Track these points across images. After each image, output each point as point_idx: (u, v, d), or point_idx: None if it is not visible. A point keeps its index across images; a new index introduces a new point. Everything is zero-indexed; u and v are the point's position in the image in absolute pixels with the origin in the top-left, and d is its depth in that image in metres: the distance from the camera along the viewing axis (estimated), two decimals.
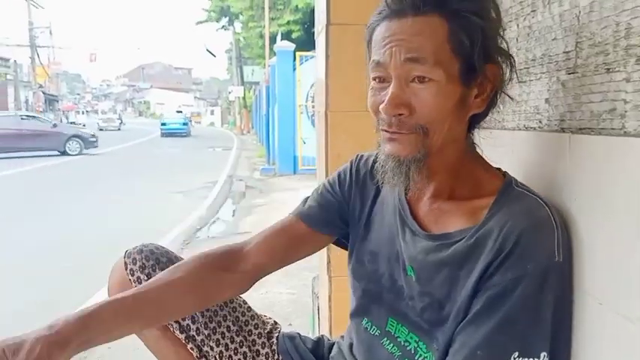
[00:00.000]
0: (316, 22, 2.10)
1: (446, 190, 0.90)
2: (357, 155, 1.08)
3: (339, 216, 1.05)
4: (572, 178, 0.81)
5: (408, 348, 0.92)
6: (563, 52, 0.84)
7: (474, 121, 0.89)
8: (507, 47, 0.88)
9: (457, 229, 0.86)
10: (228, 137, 27.67)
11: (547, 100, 0.91)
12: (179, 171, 11.83)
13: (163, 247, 1.10)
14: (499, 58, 0.85)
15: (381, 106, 0.83)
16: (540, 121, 0.93)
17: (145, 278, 1.03)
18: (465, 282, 0.82)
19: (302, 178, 9.60)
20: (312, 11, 2.14)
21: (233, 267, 1.00)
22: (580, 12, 0.79)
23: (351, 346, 1.06)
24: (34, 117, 18.19)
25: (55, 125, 17.48)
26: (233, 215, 6.75)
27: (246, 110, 30.19)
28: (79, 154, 16.51)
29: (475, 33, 0.80)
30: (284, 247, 1.04)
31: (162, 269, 1.01)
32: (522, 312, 0.77)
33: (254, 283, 1.04)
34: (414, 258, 0.90)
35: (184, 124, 29.50)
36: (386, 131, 0.84)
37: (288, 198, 7.71)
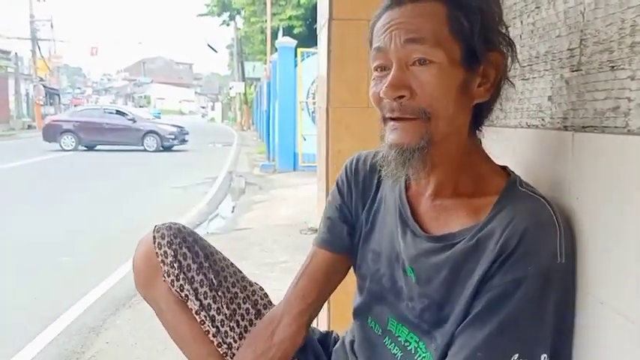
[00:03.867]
0: (319, 16, 2.09)
1: (448, 186, 0.88)
2: (353, 157, 1.07)
3: (347, 226, 1.05)
4: (575, 176, 0.81)
5: (409, 348, 0.92)
6: (567, 50, 0.84)
7: (479, 114, 0.88)
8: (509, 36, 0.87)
9: (458, 228, 0.85)
10: (229, 133, 27.69)
11: (550, 98, 0.90)
12: (179, 166, 11.81)
13: (189, 228, 1.13)
14: (502, 47, 0.84)
15: (381, 90, 0.82)
16: (543, 119, 0.92)
17: (172, 253, 1.05)
18: (465, 283, 0.82)
19: (302, 175, 9.58)
20: (315, 7, 2.13)
21: (275, 330, 1.05)
22: (585, 9, 0.79)
23: (352, 343, 1.07)
24: (117, 111, 17.25)
25: (134, 120, 16.65)
26: (232, 211, 6.74)
27: (246, 106, 30.20)
28: (157, 151, 15.86)
29: (473, 15, 0.80)
30: (313, 286, 1.06)
31: (189, 248, 1.07)
32: (523, 314, 0.76)
33: (307, 329, 1.07)
34: (414, 259, 0.89)
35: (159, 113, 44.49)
36: (390, 118, 0.83)
37: (288, 195, 7.70)
